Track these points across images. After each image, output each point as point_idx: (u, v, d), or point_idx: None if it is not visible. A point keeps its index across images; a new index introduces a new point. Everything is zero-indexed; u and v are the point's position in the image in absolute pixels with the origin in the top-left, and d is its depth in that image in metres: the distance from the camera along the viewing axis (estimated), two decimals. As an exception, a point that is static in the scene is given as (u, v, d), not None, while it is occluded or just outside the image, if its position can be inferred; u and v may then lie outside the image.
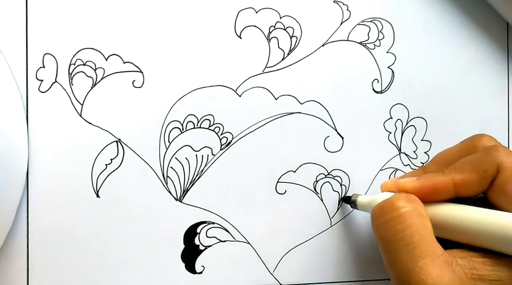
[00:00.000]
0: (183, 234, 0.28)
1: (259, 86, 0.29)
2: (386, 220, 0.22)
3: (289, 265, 0.29)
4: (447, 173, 0.24)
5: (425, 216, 0.22)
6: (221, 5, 0.29)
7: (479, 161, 0.23)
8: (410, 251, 0.21)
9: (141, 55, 0.28)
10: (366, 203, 0.27)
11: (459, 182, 0.23)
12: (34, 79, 0.27)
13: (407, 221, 0.22)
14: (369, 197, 0.27)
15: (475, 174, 0.23)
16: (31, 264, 0.27)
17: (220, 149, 0.29)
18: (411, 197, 0.23)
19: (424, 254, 0.21)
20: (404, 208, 0.22)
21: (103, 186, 0.27)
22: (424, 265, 0.21)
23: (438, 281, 0.20)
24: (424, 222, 0.22)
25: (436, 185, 0.23)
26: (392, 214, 0.22)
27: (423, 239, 0.21)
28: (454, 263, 0.21)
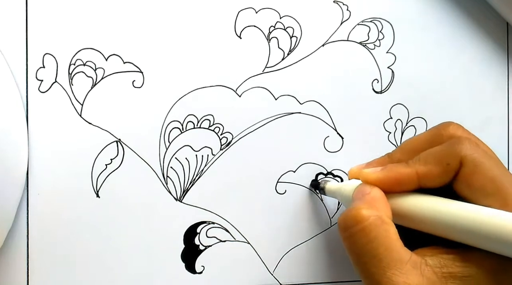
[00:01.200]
0: (183, 234, 0.28)
1: (259, 86, 0.29)
2: (351, 233, 0.22)
3: (289, 265, 0.29)
4: (411, 164, 0.24)
5: (389, 222, 0.22)
6: (221, 5, 0.29)
7: (443, 153, 0.23)
8: (377, 263, 0.21)
9: (141, 55, 0.28)
10: (335, 189, 0.27)
11: (423, 174, 0.23)
12: (34, 79, 0.27)
13: (371, 234, 0.22)
14: (337, 184, 0.27)
15: (439, 166, 0.23)
16: (31, 264, 0.27)
17: (220, 149, 0.29)
18: (373, 201, 0.23)
19: (391, 265, 0.21)
20: (367, 220, 0.22)
21: (103, 186, 0.27)
22: (392, 275, 0.21)
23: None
24: (388, 231, 0.22)
25: (399, 177, 0.24)
26: (356, 228, 0.22)
27: (388, 249, 0.21)
28: (423, 265, 0.21)
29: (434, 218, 0.22)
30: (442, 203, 0.22)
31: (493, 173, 0.22)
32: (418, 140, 0.26)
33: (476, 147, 0.23)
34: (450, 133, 0.25)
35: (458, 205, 0.22)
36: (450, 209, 0.22)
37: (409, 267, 0.21)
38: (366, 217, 0.22)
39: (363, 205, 0.23)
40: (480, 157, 0.22)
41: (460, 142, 0.23)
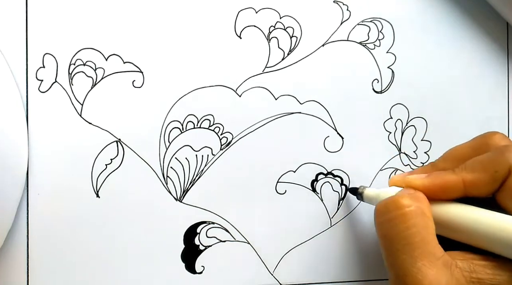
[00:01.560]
0: (183, 234, 0.28)
1: (259, 86, 0.29)
2: (389, 218, 0.22)
3: (289, 265, 0.29)
4: (457, 172, 0.23)
5: (429, 216, 0.22)
6: (221, 5, 0.29)
7: (491, 161, 0.23)
8: (410, 251, 0.21)
9: (141, 55, 0.28)
10: (373, 196, 0.27)
11: (469, 182, 0.23)
12: (34, 79, 0.27)
13: (410, 221, 0.21)
14: (376, 190, 0.27)
15: (486, 174, 0.22)
16: (31, 264, 0.27)
17: (220, 149, 0.29)
18: (417, 195, 0.23)
19: (424, 255, 0.21)
20: (409, 208, 0.22)
21: (103, 186, 0.27)
22: (422, 266, 0.21)
23: (435, 283, 0.20)
24: (427, 223, 0.22)
25: (445, 184, 0.23)
26: (395, 213, 0.22)
27: (424, 240, 0.21)
28: (453, 266, 0.21)
29: (474, 229, 0.22)
30: (484, 213, 0.22)
31: None
32: (461, 149, 0.25)
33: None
34: (496, 142, 0.24)
35: (500, 216, 0.22)
36: (492, 220, 0.22)
37: (440, 263, 0.21)
38: (408, 205, 0.22)
39: (406, 195, 0.22)
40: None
41: (508, 150, 0.22)
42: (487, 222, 0.22)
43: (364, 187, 0.28)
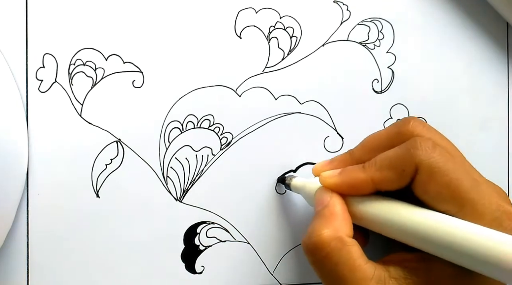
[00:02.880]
0: (183, 234, 0.28)
1: (259, 86, 0.29)
2: (317, 259, 0.23)
3: (289, 265, 0.29)
4: (367, 169, 0.24)
5: (349, 242, 0.23)
6: (221, 5, 0.29)
7: (398, 159, 0.23)
8: (343, 283, 0.22)
9: (141, 55, 0.28)
10: (299, 186, 0.27)
11: (378, 180, 0.23)
12: (34, 79, 0.27)
13: (334, 258, 0.22)
14: (302, 181, 0.27)
15: (394, 173, 0.23)
16: (31, 264, 0.27)
17: (220, 149, 0.29)
18: (332, 222, 0.23)
19: (355, 282, 0.21)
20: (329, 246, 0.22)
21: (103, 186, 0.27)
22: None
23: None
24: (350, 252, 0.22)
25: (355, 182, 0.24)
26: (320, 254, 0.23)
27: (352, 269, 0.22)
28: (387, 279, 0.22)
29: (389, 223, 0.22)
30: (395, 208, 0.23)
31: (449, 178, 0.22)
32: (378, 137, 0.26)
33: (433, 151, 0.22)
34: (410, 131, 0.24)
35: (410, 211, 0.22)
36: (403, 215, 0.22)
37: (373, 283, 0.21)
38: (327, 243, 0.22)
39: (323, 227, 0.23)
40: (436, 162, 0.22)
41: (416, 146, 0.22)
42: (398, 216, 0.22)
43: (292, 177, 0.28)
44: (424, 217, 0.22)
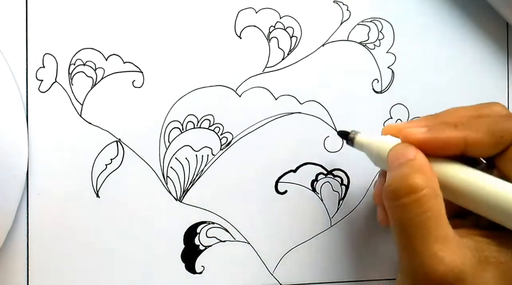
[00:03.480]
0: (183, 234, 0.28)
1: (259, 86, 0.29)
2: (403, 203, 0.21)
3: (289, 265, 0.29)
4: (461, 128, 0.22)
5: (441, 195, 0.21)
6: (221, 5, 0.29)
7: (498, 125, 0.22)
8: (424, 235, 0.20)
9: (141, 55, 0.28)
10: (365, 143, 0.25)
11: (472, 141, 0.22)
12: (34, 79, 0.27)
13: (425, 205, 0.21)
14: (369, 138, 0.25)
15: (491, 137, 0.22)
16: (31, 264, 0.27)
17: (220, 149, 0.29)
18: (425, 171, 0.22)
19: (438, 239, 0.20)
20: (422, 191, 0.21)
21: (103, 186, 0.27)
22: (438, 250, 0.20)
23: (451, 266, 0.20)
24: (440, 205, 0.21)
25: (447, 140, 0.22)
26: (410, 198, 0.21)
27: (438, 224, 0.21)
28: (464, 246, 0.21)
29: (473, 193, 0.21)
30: (485, 178, 0.21)
31: None
32: (464, 110, 0.24)
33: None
34: (498, 110, 0.24)
35: (499, 183, 0.21)
36: (494, 186, 0.21)
37: (453, 245, 0.20)
38: (421, 188, 0.21)
39: (416, 174, 0.21)
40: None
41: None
42: (490, 189, 0.21)
43: (356, 132, 0.26)
44: (507, 188, 0.21)
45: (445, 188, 0.22)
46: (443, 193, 0.22)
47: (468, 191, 0.22)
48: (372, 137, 0.25)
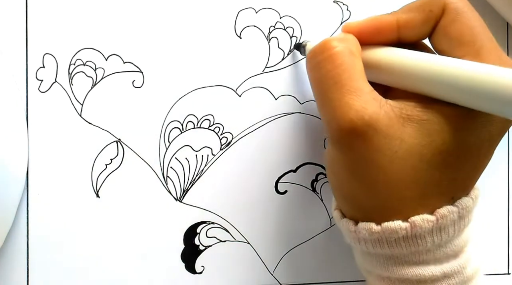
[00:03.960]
0: (183, 234, 0.28)
1: (259, 86, 0.29)
2: (318, 61, 0.22)
3: (289, 265, 0.29)
4: (393, 13, 0.23)
5: (357, 55, 0.22)
6: (221, 5, 0.29)
7: (426, 1, 0.23)
8: (338, 89, 0.21)
9: (141, 55, 0.28)
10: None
11: (403, 22, 0.23)
12: (34, 79, 0.27)
13: (338, 61, 0.21)
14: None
15: (420, 14, 0.22)
16: (31, 264, 0.27)
17: (220, 149, 0.29)
18: (345, 37, 0.23)
19: (351, 90, 0.21)
20: (336, 48, 0.22)
21: (103, 186, 0.27)
22: (349, 100, 0.21)
23: (361, 113, 0.20)
24: (354, 61, 0.22)
25: (379, 25, 0.23)
26: (323, 55, 0.22)
27: (352, 77, 0.21)
28: (383, 101, 0.21)
29: (406, 70, 0.22)
30: (416, 54, 0.22)
31: (473, 24, 0.22)
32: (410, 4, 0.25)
33: (460, 0, 0.22)
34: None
35: (432, 56, 0.21)
36: (425, 59, 0.21)
37: (368, 97, 0.21)
38: (335, 45, 0.22)
39: (333, 38, 0.22)
40: (463, 7, 0.22)
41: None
42: (420, 62, 0.21)
43: (307, 41, 0.27)
44: (433, 59, 0.21)
45: (378, 70, 0.23)
46: (377, 78, 0.23)
47: (397, 68, 0.22)
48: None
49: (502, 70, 0.19)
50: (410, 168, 0.21)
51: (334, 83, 0.21)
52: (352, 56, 0.22)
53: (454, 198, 0.22)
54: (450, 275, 0.22)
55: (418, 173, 0.21)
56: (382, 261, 0.22)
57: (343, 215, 0.24)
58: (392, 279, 0.22)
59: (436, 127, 0.21)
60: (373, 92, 0.21)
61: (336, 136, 0.21)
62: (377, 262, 0.23)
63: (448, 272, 0.22)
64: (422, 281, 0.22)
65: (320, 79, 0.22)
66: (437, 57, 0.21)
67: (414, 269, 0.22)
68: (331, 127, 0.21)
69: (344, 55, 0.21)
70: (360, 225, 0.22)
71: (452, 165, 0.21)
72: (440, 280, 0.22)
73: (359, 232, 0.22)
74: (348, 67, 0.21)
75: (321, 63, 0.22)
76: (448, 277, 0.22)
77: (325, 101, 0.22)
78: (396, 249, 0.22)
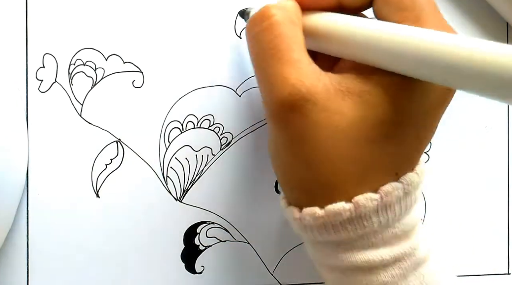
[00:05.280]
0: (183, 234, 0.28)
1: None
2: (257, 31, 0.21)
3: (289, 265, 0.29)
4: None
5: (298, 24, 0.21)
6: (221, 5, 0.29)
7: None
8: (276, 61, 0.20)
9: (141, 55, 0.28)
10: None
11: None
12: (34, 79, 0.27)
13: (277, 30, 0.21)
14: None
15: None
16: (31, 264, 0.27)
17: (220, 149, 0.29)
18: (284, 4, 0.22)
19: (290, 61, 0.20)
20: (275, 17, 0.21)
21: (103, 186, 0.27)
22: (286, 72, 0.20)
23: (298, 86, 0.19)
24: (294, 31, 0.21)
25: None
26: (262, 25, 0.21)
27: (290, 47, 0.20)
28: (322, 74, 0.20)
29: (348, 36, 0.21)
30: (358, 20, 0.21)
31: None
32: None
33: None
34: None
35: (365, 20, 0.21)
36: (366, 25, 0.20)
37: (306, 69, 0.20)
38: (274, 13, 0.21)
39: (272, 6, 0.21)
40: None
41: None
42: (357, 27, 0.20)
43: (252, 8, 0.26)
44: (370, 23, 0.20)
45: (318, 38, 0.22)
46: (318, 46, 0.22)
47: (338, 34, 0.21)
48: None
49: (441, 34, 0.18)
50: (351, 142, 0.20)
51: (272, 55, 0.20)
52: (292, 25, 0.21)
53: (398, 174, 0.21)
54: (401, 258, 0.21)
55: (359, 148, 0.20)
56: (331, 249, 0.22)
57: (289, 203, 0.23)
58: (343, 269, 0.22)
59: (376, 98, 0.20)
60: (311, 65, 0.20)
61: (273, 112, 0.20)
62: (326, 251, 0.22)
63: (398, 255, 0.21)
64: (373, 268, 0.21)
65: (258, 50, 0.21)
66: (375, 22, 0.20)
67: (363, 254, 0.21)
68: (267, 102, 0.21)
69: (284, 25, 0.21)
70: (304, 211, 0.21)
71: (393, 137, 0.20)
72: (391, 265, 0.21)
73: (304, 218, 0.21)
74: (286, 38, 0.20)
75: (259, 34, 0.21)
76: (399, 261, 0.21)
77: (263, 75, 0.21)
78: (343, 233, 0.21)
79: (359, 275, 0.21)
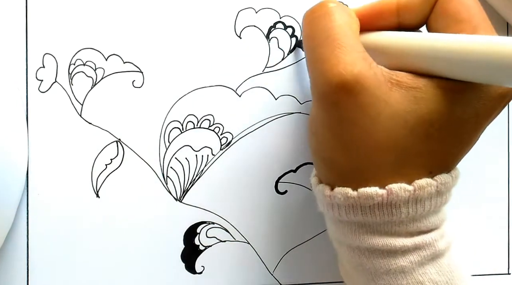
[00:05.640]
0: (183, 234, 0.28)
1: (259, 86, 0.29)
2: (315, 17, 0.22)
3: (289, 265, 0.29)
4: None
5: (354, 18, 0.22)
6: (221, 5, 0.29)
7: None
8: (330, 42, 0.21)
9: (141, 55, 0.28)
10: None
11: (403, 3, 0.23)
12: (34, 79, 0.27)
13: (333, 16, 0.21)
14: None
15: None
16: (31, 264, 0.27)
17: (220, 149, 0.29)
18: (344, 6, 0.23)
19: (343, 45, 0.21)
20: (333, 7, 0.22)
21: (103, 186, 0.27)
22: (339, 53, 0.20)
23: (351, 67, 0.20)
24: (350, 21, 0.22)
25: (379, 8, 0.23)
26: (320, 12, 0.22)
27: (345, 33, 0.21)
28: (374, 64, 0.21)
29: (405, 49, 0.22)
30: (414, 35, 0.22)
31: (469, 3, 0.22)
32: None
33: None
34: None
35: (425, 34, 0.22)
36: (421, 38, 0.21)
37: (359, 55, 0.21)
38: (331, 5, 0.22)
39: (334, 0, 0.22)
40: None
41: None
42: (418, 40, 0.21)
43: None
44: (430, 35, 0.21)
45: (378, 53, 0.22)
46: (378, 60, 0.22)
47: (396, 48, 0.22)
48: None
49: (502, 38, 0.19)
50: (391, 132, 0.20)
51: (326, 37, 0.21)
52: (349, 17, 0.22)
53: (432, 173, 0.21)
54: (421, 247, 0.21)
55: (399, 139, 0.20)
56: (353, 229, 0.22)
57: (320, 181, 0.24)
58: (362, 249, 0.22)
59: (423, 95, 0.20)
60: (364, 53, 0.21)
61: (322, 91, 0.21)
62: (348, 231, 0.22)
63: (419, 243, 0.21)
64: (393, 252, 0.21)
65: (313, 34, 0.22)
66: (435, 34, 0.21)
67: (385, 239, 0.21)
68: (318, 82, 0.21)
69: (341, 13, 0.21)
70: (336, 190, 0.22)
71: (434, 137, 0.21)
72: (411, 251, 0.21)
73: (334, 197, 0.22)
74: (343, 25, 0.21)
75: (316, 19, 0.22)
76: (419, 249, 0.21)
77: (315, 56, 0.21)
78: (370, 217, 0.21)
79: (377, 256, 0.22)
